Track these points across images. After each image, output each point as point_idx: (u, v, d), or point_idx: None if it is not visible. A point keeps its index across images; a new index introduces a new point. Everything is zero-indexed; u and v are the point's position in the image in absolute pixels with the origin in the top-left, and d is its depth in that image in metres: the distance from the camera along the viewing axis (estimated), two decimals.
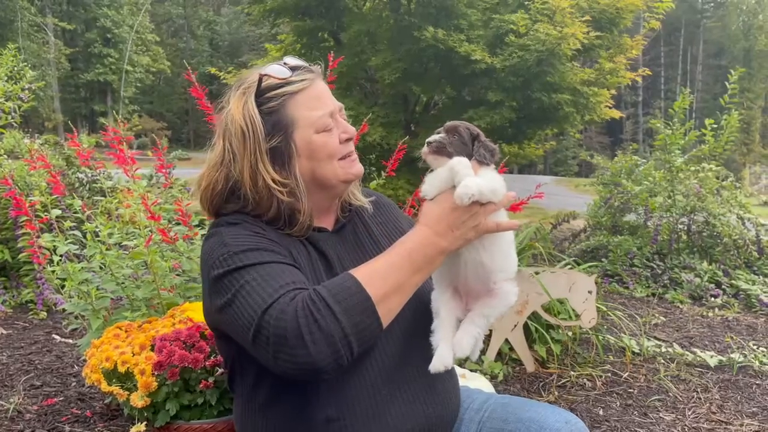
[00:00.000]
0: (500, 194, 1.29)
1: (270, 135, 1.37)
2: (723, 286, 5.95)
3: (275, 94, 1.39)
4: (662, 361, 3.92)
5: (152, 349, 2.12)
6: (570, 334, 3.95)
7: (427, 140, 1.34)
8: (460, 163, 1.27)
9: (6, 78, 6.99)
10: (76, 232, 2.97)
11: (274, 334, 1.14)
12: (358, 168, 1.49)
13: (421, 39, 8.59)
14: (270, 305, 1.16)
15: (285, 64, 1.44)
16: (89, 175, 6.06)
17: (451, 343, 1.35)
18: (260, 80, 1.40)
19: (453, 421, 1.56)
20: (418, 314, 1.43)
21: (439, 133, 1.35)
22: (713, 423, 3.05)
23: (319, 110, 1.41)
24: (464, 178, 1.24)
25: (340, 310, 1.15)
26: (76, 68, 43.75)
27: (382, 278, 1.22)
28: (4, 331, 4.26)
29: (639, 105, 54.14)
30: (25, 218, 2.82)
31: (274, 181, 1.36)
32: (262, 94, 1.39)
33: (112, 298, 2.78)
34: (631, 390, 3.44)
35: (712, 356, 3.96)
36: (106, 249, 2.74)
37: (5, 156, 5.85)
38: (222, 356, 1.54)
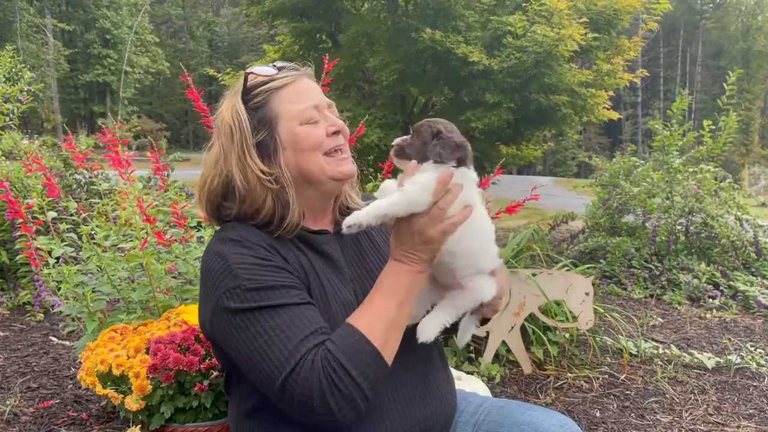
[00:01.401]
0: (422, 201, 1.27)
1: (256, 130, 1.42)
2: (721, 288, 5.95)
3: (260, 91, 1.44)
4: (659, 362, 3.91)
5: (147, 352, 2.12)
6: (567, 335, 3.95)
7: (392, 142, 1.37)
8: (382, 186, 1.34)
9: (4, 79, 6.99)
10: (72, 235, 2.97)
11: (300, 395, 1.20)
12: (349, 167, 1.48)
13: (419, 40, 8.59)
14: (293, 369, 1.21)
15: (273, 65, 1.49)
16: (86, 176, 6.06)
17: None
18: (246, 78, 1.45)
19: (449, 424, 1.56)
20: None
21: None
22: (710, 425, 3.05)
23: (302, 103, 1.44)
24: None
25: (358, 374, 1.21)
26: (75, 69, 43.73)
27: (378, 325, 1.27)
28: (1, 333, 4.26)
29: (638, 106, 54.19)
30: (21, 220, 2.82)
31: (262, 171, 1.39)
32: (248, 92, 1.44)
33: (107, 301, 2.78)
34: (628, 392, 3.44)
35: (709, 358, 3.96)
36: (102, 251, 2.73)
37: (4, 158, 5.85)
38: (218, 361, 1.54)
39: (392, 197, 1.29)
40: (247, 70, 1.47)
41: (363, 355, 1.23)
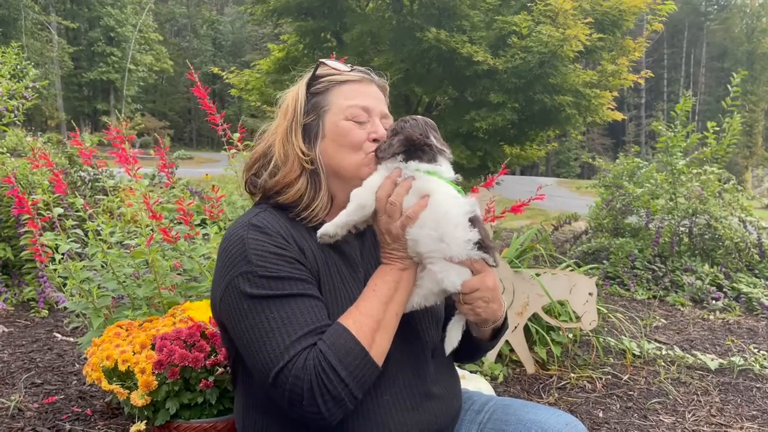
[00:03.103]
0: (368, 201, 1.37)
1: (308, 112, 1.49)
2: (724, 289, 5.94)
3: (324, 80, 1.51)
4: (663, 363, 3.91)
5: (153, 348, 2.12)
6: (570, 335, 3.95)
7: None
8: (352, 194, 1.40)
9: (9, 76, 7.01)
10: (78, 231, 2.98)
11: (290, 391, 1.23)
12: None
13: (424, 40, 8.58)
14: (285, 365, 1.24)
15: (348, 64, 1.57)
16: (91, 173, 6.07)
17: None
18: (317, 66, 1.53)
19: (454, 423, 1.57)
20: (412, 318, 1.45)
21: None
22: (713, 426, 3.05)
23: (354, 100, 1.48)
24: None
25: (347, 374, 1.24)
26: (80, 67, 43.82)
27: (366, 325, 1.30)
28: (6, 329, 4.27)
29: (642, 107, 54.15)
30: (27, 216, 2.82)
31: (302, 151, 1.46)
32: (315, 78, 1.52)
33: (113, 297, 2.78)
34: (631, 392, 3.44)
35: (712, 359, 3.96)
36: (108, 248, 2.74)
37: (8, 154, 5.86)
38: (225, 348, 1.57)
39: (348, 205, 1.38)
40: (320, 60, 1.55)
41: (352, 354, 1.25)
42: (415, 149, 1.36)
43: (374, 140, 1.47)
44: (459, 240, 1.31)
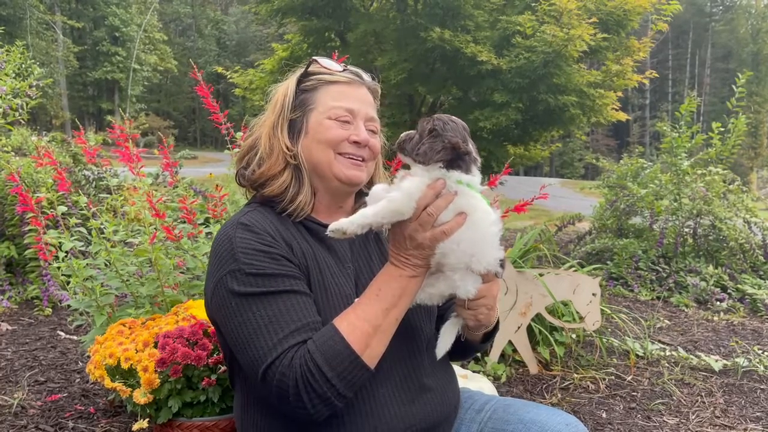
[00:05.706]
0: (406, 209, 1.28)
1: (295, 108, 1.51)
2: (728, 290, 5.92)
3: (314, 78, 1.53)
4: (666, 364, 3.90)
5: (155, 346, 2.12)
6: (574, 336, 3.94)
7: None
8: (372, 191, 1.35)
9: (14, 75, 7.01)
10: (82, 229, 2.98)
11: (277, 387, 1.25)
12: (355, 174, 1.49)
13: (428, 39, 8.59)
14: (272, 362, 1.25)
15: (342, 63, 1.57)
16: (95, 172, 6.09)
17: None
18: (309, 63, 1.56)
19: (451, 421, 1.57)
20: (410, 314, 1.44)
21: None
22: (717, 427, 3.04)
23: (340, 102, 1.49)
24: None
25: (334, 375, 1.24)
26: (84, 66, 43.96)
27: (360, 329, 1.28)
28: (10, 327, 4.28)
29: (646, 108, 54.06)
30: (31, 215, 2.83)
31: (286, 146, 1.48)
32: (306, 75, 1.54)
33: (116, 295, 2.78)
34: (635, 393, 3.43)
35: (716, 360, 3.94)
36: (111, 246, 2.74)
37: (13, 153, 5.88)
38: (222, 350, 1.56)
39: (377, 206, 1.29)
40: (313, 58, 1.57)
41: (340, 357, 1.24)
42: (456, 158, 1.28)
43: (354, 143, 1.48)
44: (490, 258, 1.33)
